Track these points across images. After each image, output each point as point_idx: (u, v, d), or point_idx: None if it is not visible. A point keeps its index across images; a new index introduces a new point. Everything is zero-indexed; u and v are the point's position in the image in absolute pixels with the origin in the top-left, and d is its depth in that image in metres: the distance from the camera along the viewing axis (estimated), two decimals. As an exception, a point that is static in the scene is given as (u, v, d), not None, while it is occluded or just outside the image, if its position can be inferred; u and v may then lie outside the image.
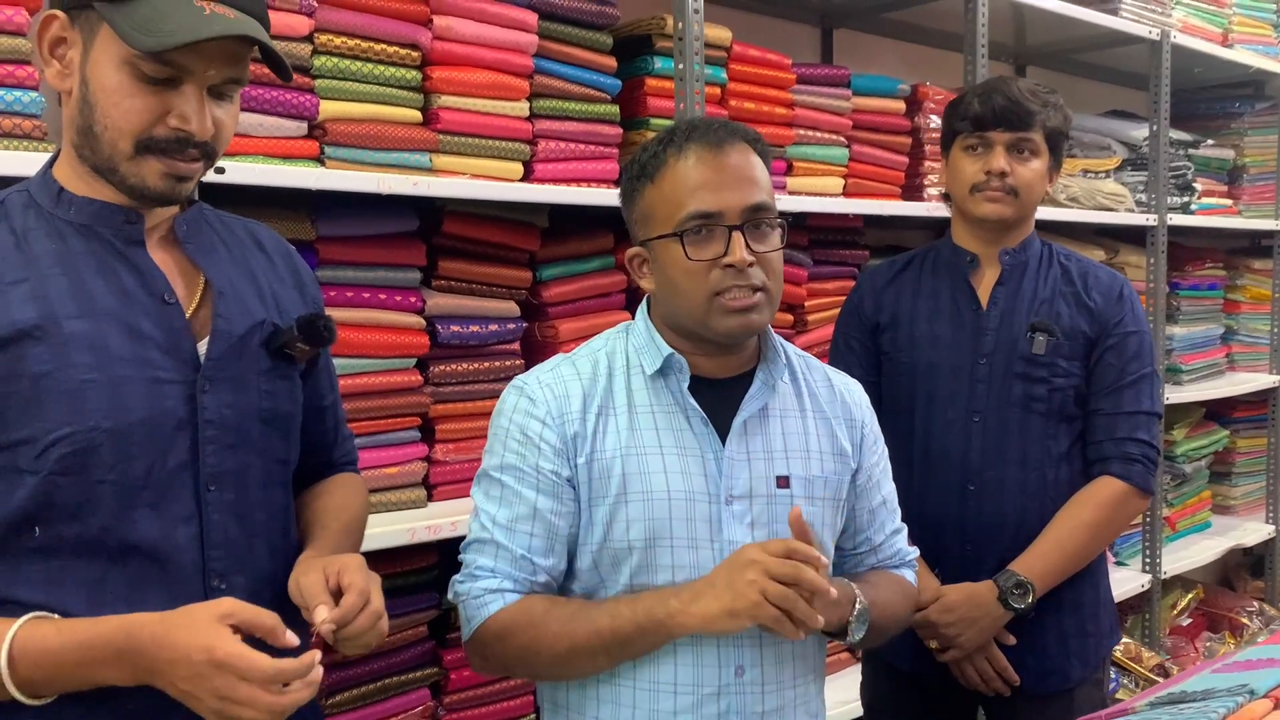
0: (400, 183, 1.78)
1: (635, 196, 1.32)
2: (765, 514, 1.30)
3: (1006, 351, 1.83)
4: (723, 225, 1.25)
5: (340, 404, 1.41)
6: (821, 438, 1.37)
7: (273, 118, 1.71)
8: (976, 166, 1.83)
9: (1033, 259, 1.89)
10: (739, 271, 1.24)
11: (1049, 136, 1.83)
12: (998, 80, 1.87)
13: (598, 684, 1.29)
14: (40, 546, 1.06)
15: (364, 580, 1.11)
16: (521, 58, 1.96)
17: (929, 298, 1.90)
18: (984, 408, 1.83)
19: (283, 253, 1.31)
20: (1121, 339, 1.84)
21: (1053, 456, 1.83)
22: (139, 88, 1.06)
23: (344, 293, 1.81)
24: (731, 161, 1.27)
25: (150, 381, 1.09)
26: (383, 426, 1.87)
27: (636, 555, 1.26)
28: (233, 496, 1.15)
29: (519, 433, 1.30)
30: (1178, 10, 3.41)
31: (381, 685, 1.89)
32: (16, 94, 1.47)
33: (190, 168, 1.11)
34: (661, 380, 1.32)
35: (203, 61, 1.06)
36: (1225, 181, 3.79)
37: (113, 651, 1.00)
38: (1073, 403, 1.84)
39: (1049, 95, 1.85)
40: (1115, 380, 1.84)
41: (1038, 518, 1.82)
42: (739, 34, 2.33)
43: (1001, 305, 1.86)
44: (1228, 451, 3.82)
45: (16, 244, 1.08)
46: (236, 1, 1.07)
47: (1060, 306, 1.85)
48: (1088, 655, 1.89)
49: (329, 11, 1.76)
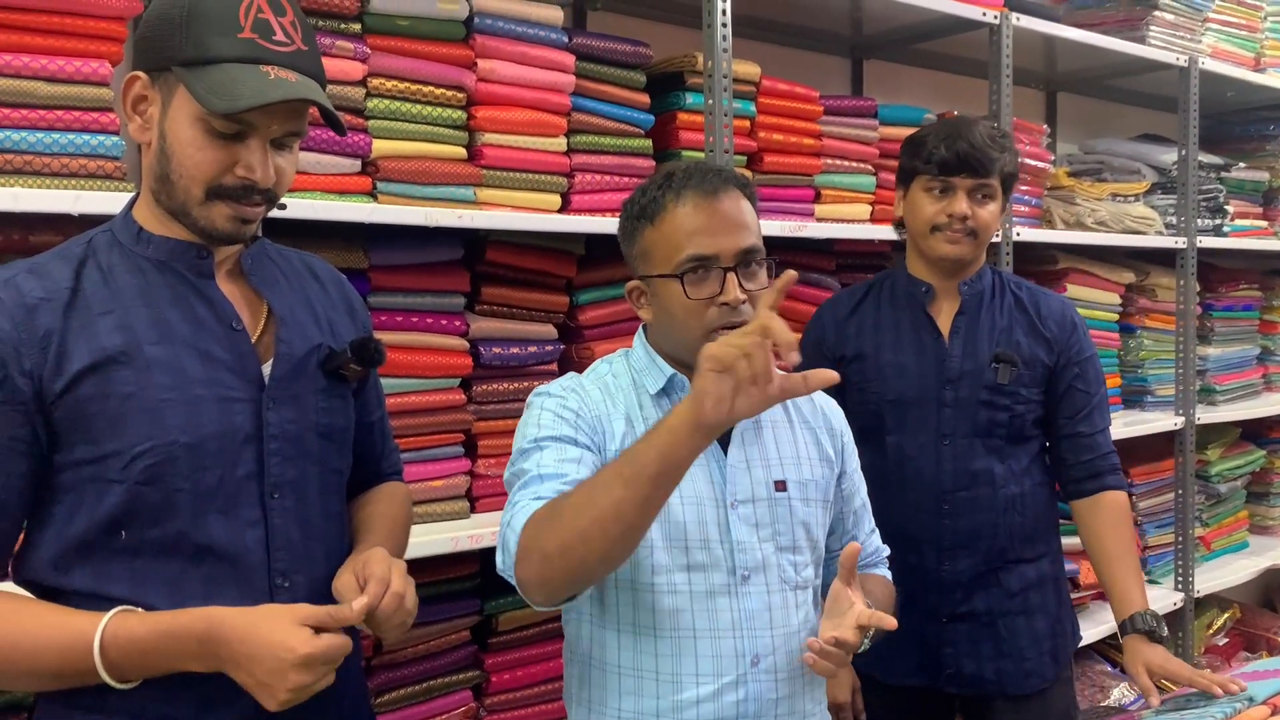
0: (446, 215, 1.90)
1: (635, 235, 1.43)
2: (767, 515, 1.41)
3: (972, 380, 1.94)
4: (718, 267, 1.36)
5: (387, 419, 1.52)
6: (809, 445, 1.48)
7: (329, 156, 1.84)
8: (938, 208, 1.92)
9: (987, 288, 2.01)
10: (733, 309, 1.35)
11: (1004, 180, 1.94)
12: (960, 125, 1.94)
13: (620, 676, 1.38)
14: (125, 548, 1.17)
15: (384, 569, 1.21)
16: (560, 97, 2.08)
17: (890, 329, 2.00)
18: (952, 431, 1.94)
19: (335, 281, 1.43)
20: (1083, 366, 1.99)
21: (1015, 474, 1.96)
22: (210, 141, 1.17)
23: (394, 317, 1.93)
24: (724, 207, 1.37)
25: (221, 400, 1.21)
26: (428, 442, 1.98)
27: (657, 553, 1.36)
28: (294, 503, 1.26)
29: (552, 415, 1.37)
30: (1208, 36, 3.45)
31: (426, 686, 2.00)
32: (100, 138, 1.60)
33: (254, 211, 1.22)
34: (665, 398, 1.43)
35: (266, 118, 1.18)
36: (1260, 204, 3.80)
37: (194, 642, 1.12)
38: (1030, 425, 1.98)
39: (1004, 140, 1.95)
40: (1085, 404, 1.99)
41: (1006, 530, 1.95)
42: (773, 67, 2.43)
43: (963, 335, 1.97)
44: (1265, 472, 3.82)
45: (104, 279, 1.20)
46: (297, 66, 1.19)
47: (1018, 335, 1.97)
48: (1059, 654, 2.02)
49: (381, 57, 1.89)
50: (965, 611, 1.95)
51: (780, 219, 2.40)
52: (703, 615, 1.36)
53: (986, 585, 1.95)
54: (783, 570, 1.41)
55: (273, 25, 1.18)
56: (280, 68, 1.17)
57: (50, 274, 1.19)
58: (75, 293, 1.18)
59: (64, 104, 1.59)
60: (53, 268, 1.20)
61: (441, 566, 1.99)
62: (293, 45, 1.19)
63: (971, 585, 1.94)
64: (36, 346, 1.14)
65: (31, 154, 1.56)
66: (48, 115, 1.58)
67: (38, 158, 1.57)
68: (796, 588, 1.42)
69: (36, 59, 1.57)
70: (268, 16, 1.17)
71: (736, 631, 1.37)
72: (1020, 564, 1.97)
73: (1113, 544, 1.95)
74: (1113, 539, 1.95)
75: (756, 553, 1.39)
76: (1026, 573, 1.98)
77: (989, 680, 1.95)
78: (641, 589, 1.37)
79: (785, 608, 1.40)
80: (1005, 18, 2.72)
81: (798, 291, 2.50)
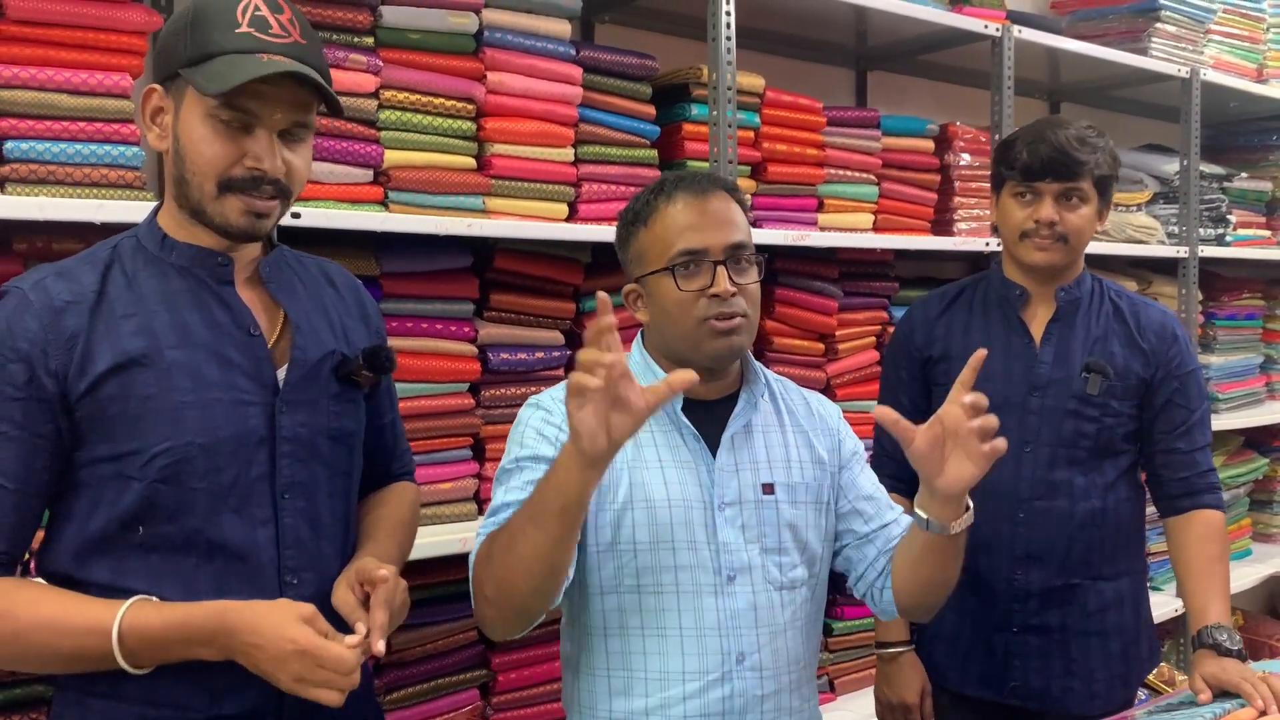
0: (456, 224, 1.95)
1: (630, 239, 1.49)
2: (754, 517, 1.44)
3: (1060, 388, 1.88)
4: (708, 260, 1.41)
5: (399, 421, 1.56)
6: (800, 448, 1.51)
7: (343, 166, 1.89)
8: (1025, 214, 1.86)
9: (1085, 296, 1.94)
10: (723, 300, 1.39)
11: (1097, 183, 1.86)
12: (1046, 127, 1.88)
13: (609, 677, 1.42)
14: (142, 544, 1.22)
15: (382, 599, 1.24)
16: (567, 108, 2.12)
17: (980, 331, 1.94)
18: (1035, 439, 1.88)
19: (351, 288, 1.47)
20: (1184, 379, 1.91)
21: (1098, 488, 1.89)
22: (218, 135, 1.21)
23: (404, 323, 1.98)
24: (713, 207, 1.43)
25: (237, 403, 1.25)
26: (438, 445, 2.02)
27: (642, 555, 1.40)
28: (304, 504, 1.30)
29: (534, 433, 1.43)
30: (1211, 47, 3.48)
31: (434, 685, 2.04)
32: (121, 149, 1.65)
33: (267, 205, 1.26)
34: None
35: (269, 108, 1.22)
36: (1263, 213, 3.83)
37: (206, 633, 1.17)
38: (1120, 439, 1.90)
39: (1096, 140, 1.86)
40: (1185, 419, 1.90)
41: (1083, 546, 1.88)
42: (779, 78, 2.47)
43: (1056, 342, 1.91)
44: (1268, 480, 3.84)
45: (127, 283, 1.25)
46: (293, 55, 1.22)
47: (1114, 346, 1.90)
48: (1130, 679, 1.95)
49: (393, 70, 1.94)
50: (1037, 624, 1.90)
51: (784, 228, 2.44)
52: (689, 614, 1.40)
53: (1061, 600, 1.89)
54: (768, 571, 1.44)
55: (269, 21, 1.22)
56: (275, 54, 1.21)
57: (77, 277, 1.24)
58: (101, 296, 1.23)
59: (86, 116, 1.64)
60: (80, 272, 1.24)
61: (449, 567, 2.03)
62: (289, 38, 1.23)
63: (1044, 598, 1.89)
64: (63, 348, 1.19)
65: (55, 164, 1.61)
66: (70, 127, 1.63)
67: (61, 168, 1.62)
68: (783, 588, 1.45)
69: (60, 72, 1.62)
70: (264, 14, 1.22)
71: (722, 630, 1.40)
72: (1099, 581, 1.90)
73: (1198, 558, 1.85)
74: (1198, 553, 1.85)
75: (742, 554, 1.42)
76: (1104, 591, 1.91)
77: (1054, 698, 1.90)
78: (627, 592, 1.41)
79: (771, 607, 1.43)
80: (1007, 30, 2.76)
81: (802, 299, 2.54)
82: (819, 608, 1.54)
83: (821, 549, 1.52)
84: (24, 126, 1.60)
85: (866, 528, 1.53)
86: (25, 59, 1.61)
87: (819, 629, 1.55)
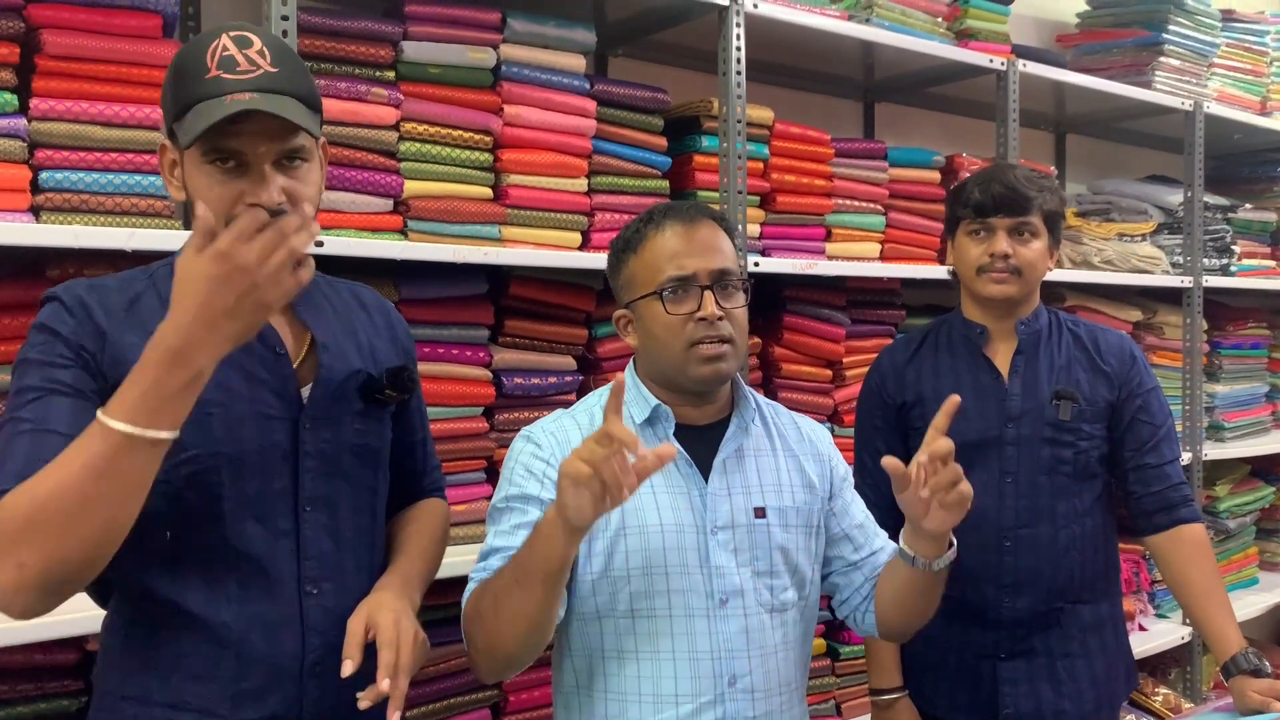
0: (472, 252, 2.00)
1: (621, 267, 1.53)
2: (746, 541, 1.47)
3: (1033, 418, 1.94)
4: (696, 285, 1.45)
5: (430, 439, 1.60)
6: (792, 472, 1.54)
7: (364, 196, 1.95)
8: (980, 249, 1.95)
9: (1044, 327, 2.02)
10: (710, 324, 1.43)
11: (1047, 218, 1.95)
12: (996, 169, 1.99)
13: (606, 701, 1.45)
14: (168, 548, 1.26)
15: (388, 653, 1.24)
16: (582, 140, 2.18)
17: (949, 374, 2.01)
18: (1015, 470, 1.94)
19: (381, 309, 1.52)
20: (1146, 398, 1.98)
21: (1078, 513, 1.95)
22: (214, 180, 1.25)
23: (421, 348, 2.00)
24: (701, 234, 1.48)
25: (262, 418, 1.30)
26: (453, 469, 2.05)
27: (635, 581, 1.42)
28: (326, 517, 1.34)
29: (524, 470, 1.46)
30: (1214, 80, 3.54)
31: (447, 704, 2.07)
32: (151, 179, 1.71)
33: None
34: (650, 428, 1.49)
35: (250, 144, 1.24)
36: (1268, 243, 3.86)
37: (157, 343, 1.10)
38: (1095, 462, 1.97)
39: (1044, 181, 1.97)
40: (1152, 435, 1.97)
41: (1067, 570, 1.94)
42: (788, 110, 2.52)
43: (1023, 374, 1.97)
44: (1274, 508, 3.84)
45: (162, 304, 1.28)
46: (261, 87, 1.23)
47: (1078, 373, 1.97)
48: (1115, 699, 2.01)
49: (413, 103, 2.00)
50: (1024, 649, 1.94)
51: (793, 257, 2.49)
52: (682, 638, 1.43)
53: (1046, 625, 1.94)
54: (759, 594, 1.47)
55: (236, 59, 1.24)
56: (239, 93, 1.22)
57: (109, 292, 1.29)
58: (133, 304, 1.28)
59: (117, 147, 1.70)
60: (112, 287, 1.30)
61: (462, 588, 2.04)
62: (258, 70, 1.25)
63: (1031, 624, 1.94)
64: (95, 339, 1.24)
65: (88, 194, 1.68)
66: (103, 157, 1.69)
67: (94, 197, 1.68)
68: (774, 610, 1.48)
69: (94, 105, 1.68)
70: (232, 52, 1.25)
71: (715, 653, 1.43)
72: (1079, 605, 1.96)
73: (1199, 580, 1.91)
74: (1198, 574, 1.91)
75: (735, 577, 1.45)
76: (1084, 615, 1.97)
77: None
78: (621, 616, 1.43)
79: (763, 629, 1.46)
80: (1012, 64, 2.81)
81: (810, 326, 2.59)
82: (808, 630, 1.57)
83: (811, 572, 1.54)
84: (59, 157, 1.66)
85: (856, 555, 1.58)
86: (62, 92, 1.67)
87: (809, 651, 1.58)
